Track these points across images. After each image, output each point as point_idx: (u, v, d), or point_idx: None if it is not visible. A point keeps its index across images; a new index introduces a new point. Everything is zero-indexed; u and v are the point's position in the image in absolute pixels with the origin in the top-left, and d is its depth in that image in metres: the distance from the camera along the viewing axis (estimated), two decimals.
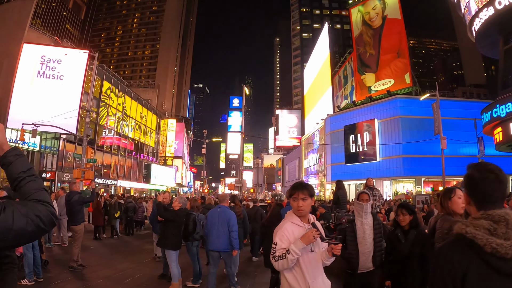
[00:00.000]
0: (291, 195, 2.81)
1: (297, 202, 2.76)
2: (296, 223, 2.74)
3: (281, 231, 2.69)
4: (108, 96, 44.37)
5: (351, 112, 43.12)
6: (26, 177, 1.57)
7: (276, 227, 2.80)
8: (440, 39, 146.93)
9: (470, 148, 34.56)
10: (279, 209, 6.51)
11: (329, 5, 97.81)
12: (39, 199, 1.53)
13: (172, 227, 6.78)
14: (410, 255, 3.69)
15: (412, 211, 3.93)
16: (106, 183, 43.69)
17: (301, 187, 2.81)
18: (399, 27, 41.03)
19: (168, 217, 6.85)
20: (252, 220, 9.46)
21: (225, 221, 6.16)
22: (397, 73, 40.35)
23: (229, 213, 6.32)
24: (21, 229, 1.37)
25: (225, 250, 6.20)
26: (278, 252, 2.59)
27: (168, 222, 6.85)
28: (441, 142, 20.77)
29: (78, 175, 19.07)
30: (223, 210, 6.34)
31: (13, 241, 1.38)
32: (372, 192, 8.45)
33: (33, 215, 1.42)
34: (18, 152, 1.60)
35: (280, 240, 2.65)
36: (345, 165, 41.93)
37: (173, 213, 6.89)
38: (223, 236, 6.12)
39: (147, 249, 11.80)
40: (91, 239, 13.44)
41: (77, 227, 8.29)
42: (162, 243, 6.88)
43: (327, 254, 2.68)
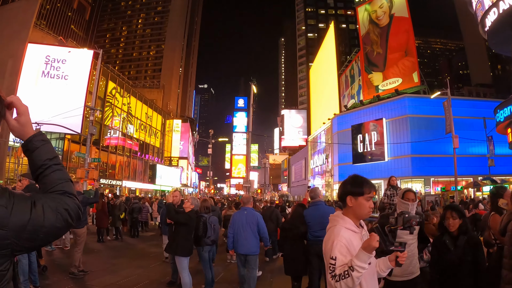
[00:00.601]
0: (363, 193, 2.19)
1: (370, 202, 2.23)
2: (352, 228, 2.18)
3: (339, 240, 2.08)
4: (113, 96, 44.22)
5: (358, 111, 42.57)
6: (52, 165, 1.38)
7: (327, 236, 2.21)
8: (446, 39, 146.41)
9: (479, 148, 33.99)
10: (301, 210, 6.05)
11: (334, 5, 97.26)
12: (65, 190, 1.35)
13: (183, 231, 6.16)
14: (461, 264, 3.23)
15: (462, 214, 3.44)
16: (111, 183, 43.53)
17: (371, 183, 2.30)
18: (407, 26, 40.46)
19: (180, 220, 6.15)
20: (267, 221, 9.08)
21: (254, 223, 6.16)
22: (405, 72, 39.77)
23: (256, 215, 6.32)
24: (52, 226, 1.23)
25: (254, 253, 6.20)
26: (339, 270, 2.01)
27: (179, 225, 6.19)
28: (453, 141, 20.22)
29: (81, 175, 18.58)
30: (250, 212, 6.31)
31: (42, 240, 1.24)
32: (396, 191, 7.96)
33: (62, 209, 1.27)
34: (45, 138, 1.41)
35: (340, 253, 2.05)
36: (353, 165, 41.34)
37: (185, 216, 6.18)
38: (252, 238, 6.13)
39: (153, 252, 11.28)
40: (94, 241, 12.92)
41: (79, 230, 7.76)
42: (173, 249, 6.23)
43: (386, 264, 2.19)
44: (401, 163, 36.34)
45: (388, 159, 37.56)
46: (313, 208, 5.78)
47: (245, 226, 6.13)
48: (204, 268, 6.77)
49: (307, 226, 5.75)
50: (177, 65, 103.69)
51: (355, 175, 2.35)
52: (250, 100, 22.35)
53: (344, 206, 2.28)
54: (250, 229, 6.11)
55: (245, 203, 6.55)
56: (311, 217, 5.72)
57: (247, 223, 6.15)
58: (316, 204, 5.82)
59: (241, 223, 6.18)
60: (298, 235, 5.86)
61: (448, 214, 3.43)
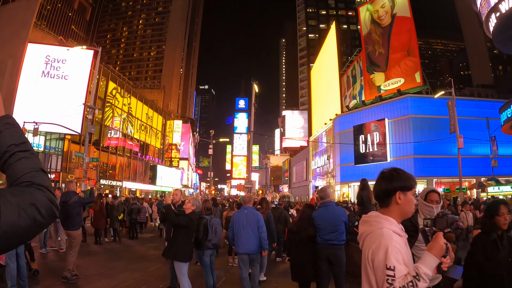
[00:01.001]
0: (412, 187, 1.91)
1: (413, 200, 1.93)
2: (398, 231, 1.82)
3: (393, 246, 1.70)
4: (113, 97, 44.02)
5: (360, 112, 42.24)
6: (18, 152, 1.08)
7: (372, 241, 1.80)
8: (446, 40, 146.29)
9: (482, 148, 33.70)
10: (310, 212, 5.66)
11: (335, 5, 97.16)
12: (32, 181, 1.06)
13: (184, 235, 5.69)
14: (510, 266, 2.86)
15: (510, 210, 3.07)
16: (112, 184, 43.31)
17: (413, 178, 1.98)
18: (409, 25, 40.13)
19: (180, 223, 5.65)
20: (276, 222, 9.22)
21: (254, 223, 6.11)
22: (407, 72, 39.43)
23: (257, 214, 6.28)
24: (13, 225, 0.94)
25: (255, 252, 6.18)
26: (399, 282, 1.63)
27: (179, 229, 5.72)
28: (458, 141, 19.91)
29: (80, 175, 18.18)
30: (250, 212, 6.28)
31: (2, 245, 0.94)
32: None
33: (26, 205, 0.98)
34: (11, 121, 1.12)
35: (398, 262, 1.67)
36: (355, 166, 41.03)
37: (186, 218, 5.67)
38: (253, 238, 6.08)
39: (152, 254, 10.92)
40: (91, 243, 12.54)
41: (75, 232, 7.40)
42: (172, 253, 5.73)
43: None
44: (403, 164, 35.95)
45: (391, 159, 37.20)
46: (323, 209, 5.45)
47: (246, 225, 6.08)
48: (205, 273, 6.38)
49: (316, 229, 5.41)
50: (177, 65, 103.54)
51: (394, 168, 2.02)
52: (252, 100, 22.12)
53: (384, 205, 1.94)
54: (251, 228, 6.06)
55: (246, 202, 6.51)
56: (321, 219, 5.38)
57: (248, 222, 6.10)
58: (326, 205, 5.47)
59: (242, 222, 6.12)
60: (307, 238, 5.46)
61: (504, 209, 3.06)
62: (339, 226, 5.32)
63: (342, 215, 5.42)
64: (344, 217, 5.43)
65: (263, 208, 8.22)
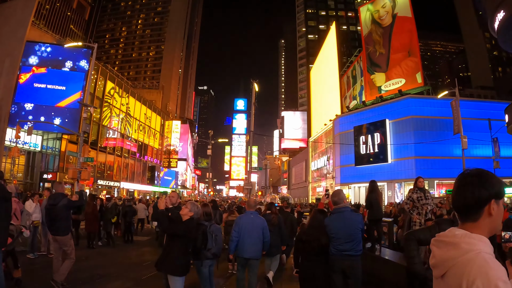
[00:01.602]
0: (503, 194, 1.43)
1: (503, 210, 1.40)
2: (492, 254, 1.33)
3: (503, 281, 1.19)
4: (111, 96, 43.60)
5: (361, 112, 41.86)
6: None
7: (472, 273, 1.23)
8: (446, 41, 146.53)
9: (484, 150, 33.33)
10: (322, 218, 4.99)
11: (335, 6, 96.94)
12: None
13: (179, 245, 4.87)
14: None
15: None
16: (109, 185, 42.87)
17: None
18: (410, 25, 39.79)
19: (175, 232, 4.91)
20: None
21: (260, 228, 6.06)
22: (408, 72, 39.09)
23: (262, 219, 6.30)
24: None
25: (259, 257, 6.16)
26: None
27: (174, 237, 4.95)
28: (462, 141, 19.52)
29: (74, 175, 17.35)
30: (256, 217, 6.22)
31: None
32: (424, 194, 7.17)
33: None
34: None
35: None
36: (355, 167, 40.64)
37: (183, 227, 4.93)
38: (258, 243, 6.04)
39: (147, 260, 10.26)
40: (84, 247, 11.91)
41: (64, 238, 6.79)
42: (165, 266, 4.90)
43: None
44: (404, 165, 35.62)
45: (392, 161, 36.84)
46: (337, 216, 4.87)
47: (252, 231, 5.99)
48: (202, 286, 5.77)
49: (329, 238, 4.81)
50: (176, 66, 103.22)
51: (480, 170, 1.48)
52: (252, 99, 21.74)
53: (471, 218, 1.43)
54: (256, 234, 5.99)
55: (251, 207, 6.38)
56: (335, 227, 4.79)
57: (254, 228, 6.01)
58: (341, 211, 4.89)
59: (248, 228, 6.00)
60: (318, 248, 4.83)
61: None
62: (356, 235, 4.77)
63: (359, 222, 4.87)
64: (361, 224, 4.91)
65: (273, 213, 8.18)
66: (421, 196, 7.08)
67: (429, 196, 7.17)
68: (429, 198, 7.16)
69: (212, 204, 12.11)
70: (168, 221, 5.15)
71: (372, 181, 7.56)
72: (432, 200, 7.32)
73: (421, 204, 7.02)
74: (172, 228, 4.98)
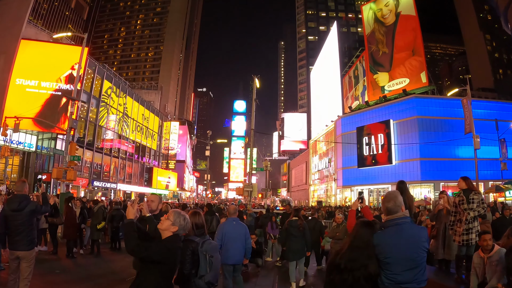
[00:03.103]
0: None
1: None
2: None
3: None
4: (108, 96, 42.65)
5: (364, 113, 41.01)
6: None
7: None
8: (445, 44, 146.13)
9: (491, 151, 32.48)
10: (369, 236, 3.13)
11: (335, 8, 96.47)
12: None
13: (156, 276, 3.18)
14: None
15: None
16: (105, 186, 41.89)
17: None
18: (414, 24, 39.08)
19: (149, 257, 3.13)
20: (311, 231, 9.28)
21: (243, 234, 6.01)
22: (412, 72, 38.30)
23: (244, 226, 6.27)
24: None
25: (241, 262, 6.18)
26: None
27: (148, 264, 3.20)
28: (474, 141, 18.62)
29: (58, 175, 15.64)
30: (238, 223, 6.16)
31: None
32: (467, 198, 5.99)
33: None
34: None
35: None
36: (358, 169, 39.78)
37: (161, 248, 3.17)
38: (241, 249, 5.99)
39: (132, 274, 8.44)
40: (63, 256, 10.18)
41: (29, 254, 5.24)
42: None
43: None
44: (409, 167, 34.74)
45: (396, 162, 35.98)
46: (393, 232, 3.12)
47: (236, 238, 5.93)
48: None
49: (380, 263, 3.07)
50: (175, 67, 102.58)
51: None
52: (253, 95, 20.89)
53: None
54: (240, 241, 5.96)
55: (231, 214, 6.33)
56: (390, 248, 3.05)
57: (238, 235, 5.98)
58: (398, 224, 3.14)
59: (232, 235, 5.91)
60: (364, 279, 3.06)
61: None
62: (421, 258, 3.09)
63: (424, 240, 3.17)
64: (427, 243, 3.25)
65: (300, 220, 8.17)
66: (463, 199, 5.97)
67: (475, 200, 5.96)
68: (475, 202, 5.95)
69: (207, 209, 10.55)
70: (138, 238, 3.24)
71: (401, 182, 6.28)
72: (480, 205, 6.01)
73: (462, 209, 5.95)
74: (143, 250, 3.10)
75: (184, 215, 3.45)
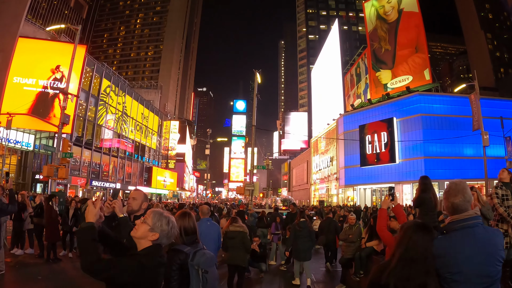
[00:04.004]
0: None
1: None
2: None
3: None
4: (107, 95, 42.14)
5: (366, 110, 40.38)
6: None
7: None
8: (446, 43, 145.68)
9: (496, 149, 31.83)
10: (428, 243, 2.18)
11: (336, 6, 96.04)
12: None
13: None
14: None
15: None
16: (104, 186, 41.34)
17: None
18: (417, 21, 38.46)
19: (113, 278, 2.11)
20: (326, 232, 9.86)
21: (216, 234, 5.83)
22: (416, 69, 37.68)
23: (217, 226, 6.08)
24: None
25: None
26: None
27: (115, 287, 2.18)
28: (483, 138, 18.03)
29: (49, 173, 15.00)
30: (212, 224, 5.90)
31: None
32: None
33: None
34: None
35: None
36: (360, 168, 39.14)
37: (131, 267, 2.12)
38: (215, 250, 5.72)
39: None
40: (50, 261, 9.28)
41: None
42: None
43: None
44: (413, 166, 34.12)
45: (399, 161, 35.35)
46: (462, 237, 2.25)
47: (210, 239, 5.56)
48: None
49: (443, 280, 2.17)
50: (175, 66, 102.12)
51: None
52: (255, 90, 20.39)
53: None
54: (213, 241, 5.66)
55: (204, 214, 6.04)
56: (459, 260, 2.19)
57: (212, 235, 5.71)
58: (469, 226, 2.27)
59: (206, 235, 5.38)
60: None
61: None
62: (497, 273, 2.24)
63: (500, 247, 2.32)
64: (502, 252, 2.36)
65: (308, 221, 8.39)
66: (508, 194, 5.22)
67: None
68: None
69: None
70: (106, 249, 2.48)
71: (425, 177, 5.59)
72: None
73: (506, 206, 5.20)
74: (104, 269, 2.09)
75: (168, 216, 2.41)
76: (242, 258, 6.57)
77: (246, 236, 6.69)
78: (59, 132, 16.90)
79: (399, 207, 3.59)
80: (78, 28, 20.11)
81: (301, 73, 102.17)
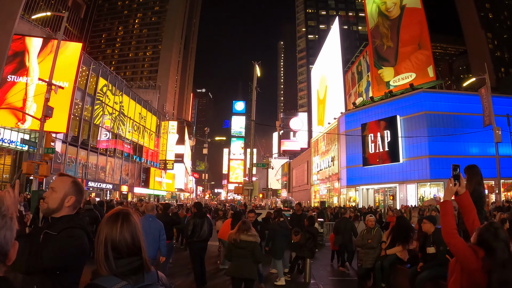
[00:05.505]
0: None
1: None
2: None
3: None
4: (104, 94, 41.29)
5: (369, 109, 39.52)
6: None
7: None
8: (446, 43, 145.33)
9: (503, 148, 31.05)
10: None
11: (335, 6, 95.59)
12: None
13: None
14: None
15: None
16: (101, 187, 40.47)
17: None
18: (420, 17, 37.68)
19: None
20: (342, 232, 9.99)
21: (157, 230, 6.28)
22: (419, 66, 36.87)
23: (159, 223, 6.48)
24: None
25: (155, 257, 6.40)
26: None
27: None
28: (495, 134, 17.18)
29: (29, 170, 13.53)
30: (154, 220, 6.42)
31: None
32: None
33: None
34: None
35: None
36: (363, 167, 38.25)
37: None
38: (155, 244, 6.22)
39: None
40: None
41: None
42: None
43: None
44: (417, 165, 33.24)
45: (403, 160, 34.47)
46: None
47: (149, 234, 5.97)
48: None
49: None
50: (174, 66, 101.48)
51: None
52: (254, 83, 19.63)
53: None
54: (152, 236, 6.10)
55: (149, 211, 6.55)
56: None
57: (152, 230, 6.17)
58: None
59: (146, 231, 5.28)
60: None
61: None
62: None
63: None
64: None
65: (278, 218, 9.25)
66: None
67: None
68: None
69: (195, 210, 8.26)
70: None
71: (473, 166, 4.65)
72: None
73: None
74: None
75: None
76: (252, 270, 5.56)
77: (258, 246, 5.63)
78: (41, 125, 15.88)
79: (466, 196, 2.66)
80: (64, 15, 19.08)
81: (300, 73, 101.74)
